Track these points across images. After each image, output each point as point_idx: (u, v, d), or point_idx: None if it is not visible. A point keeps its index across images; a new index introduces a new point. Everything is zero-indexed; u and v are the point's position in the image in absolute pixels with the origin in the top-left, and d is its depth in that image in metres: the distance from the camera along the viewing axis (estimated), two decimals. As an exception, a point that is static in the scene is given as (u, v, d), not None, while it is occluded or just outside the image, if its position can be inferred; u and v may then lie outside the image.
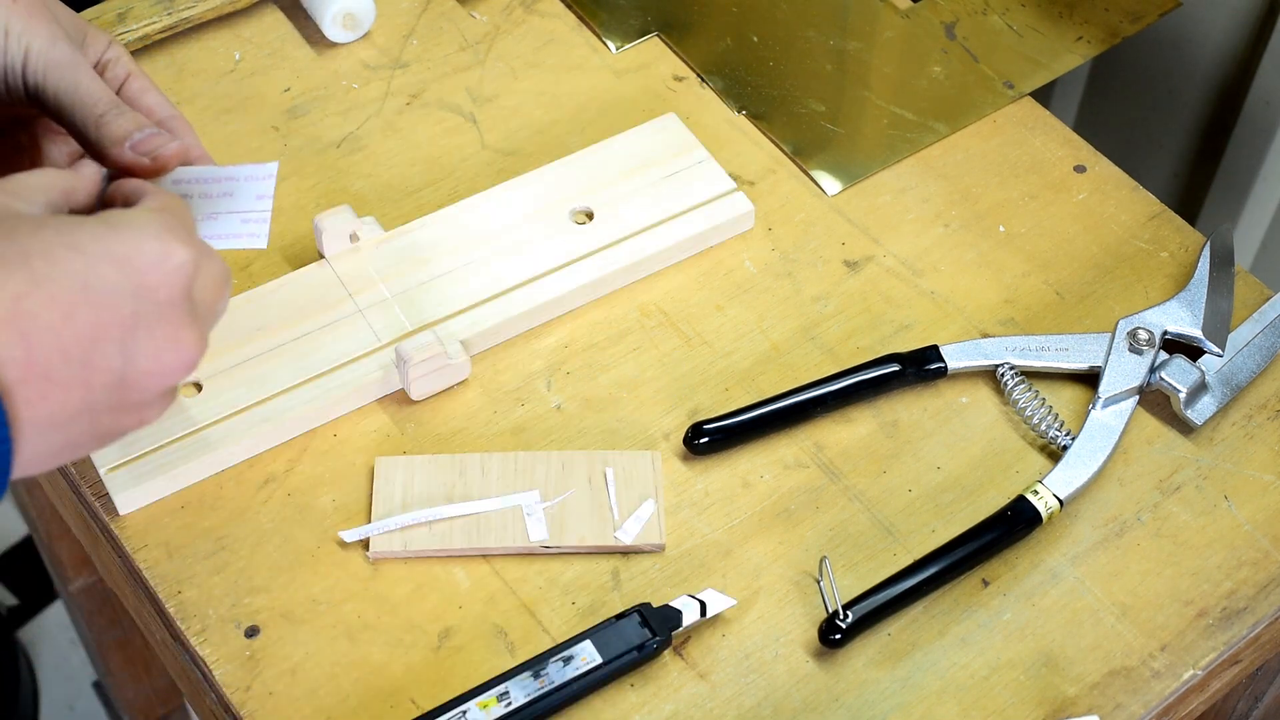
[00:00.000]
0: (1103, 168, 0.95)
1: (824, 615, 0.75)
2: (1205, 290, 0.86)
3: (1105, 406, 0.82)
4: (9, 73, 0.70)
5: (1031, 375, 0.84)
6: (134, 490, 0.78)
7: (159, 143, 0.70)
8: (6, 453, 0.55)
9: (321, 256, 0.86)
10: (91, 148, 0.70)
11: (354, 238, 0.86)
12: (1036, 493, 0.78)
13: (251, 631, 0.75)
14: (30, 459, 0.57)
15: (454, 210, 0.89)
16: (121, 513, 0.78)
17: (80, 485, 0.80)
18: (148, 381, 0.60)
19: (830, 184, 0.93)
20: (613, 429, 0.82)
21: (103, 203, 0.67)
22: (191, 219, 0.64)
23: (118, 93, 0.73)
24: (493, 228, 0.88)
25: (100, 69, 0.73)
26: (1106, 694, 0.74)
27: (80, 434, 0.59)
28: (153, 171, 0.70)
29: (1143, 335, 0.84)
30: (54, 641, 1.85)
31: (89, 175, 0.67)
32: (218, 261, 0.64)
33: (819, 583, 0.77)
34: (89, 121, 0.70)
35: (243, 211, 0.72)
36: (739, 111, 0.97)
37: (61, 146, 0.77)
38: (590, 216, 0.89)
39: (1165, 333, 0.84)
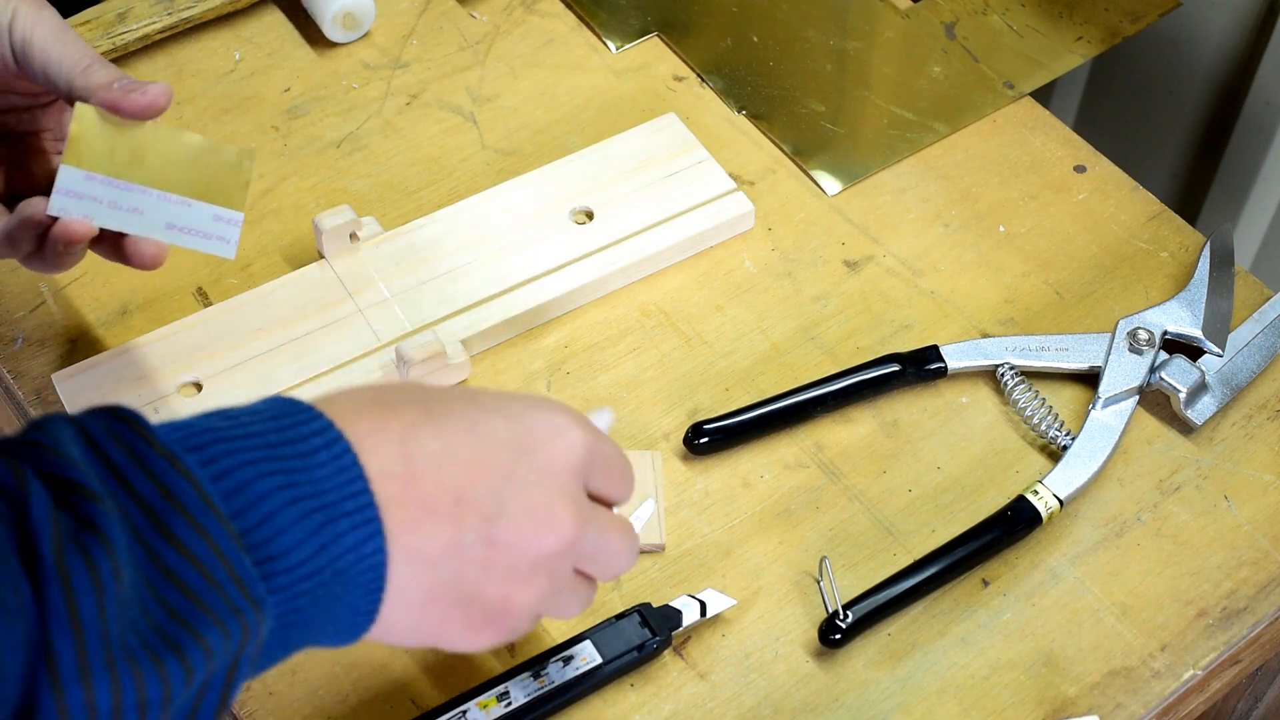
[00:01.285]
0: (1103, 168, 0.94)
1: (824, 615, 0.75)
2: (1205, 290, 0.86)
3: (1105, 406, 0.82)
4: (16, 49, 0.70)
5: (1031, 375, 0.84)
6: None
7: (145, 86, 0.70)
8: (381, 562, 0.55)
9: (321, 256, 0.86)
10: (78, 98, 0.70)
11: (354, 238, 0.86)
12: (1036, 493, 0.78)
13: (251, 631, 0.75)
14: (397, 595, 0.56)
15: (454, 210, 0.89)
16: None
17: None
18: (515, 542, 0.58)
19: (830, 184, 0.93)
20: (613, 429, 0.82)
21: None
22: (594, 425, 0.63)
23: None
24: (493, 228, 0.88)
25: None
26: (1106, 694, 0.74)
27: (444, 586, 0.57)
28: (143, 110, 0.70)
29: (1143, 335, 0.84)
30: (54, 641, 1.84)
31: None
32: (618, 457, 0.63)
33: (819, 583, 0.77)
34: (74, 73, 0.70)
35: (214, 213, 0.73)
36: (739, 111, 0.97)
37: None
38: (590, 216, 0.89)
39: (1165, 333, 0.84)
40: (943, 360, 0.84)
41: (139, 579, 0.49)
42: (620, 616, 0.74)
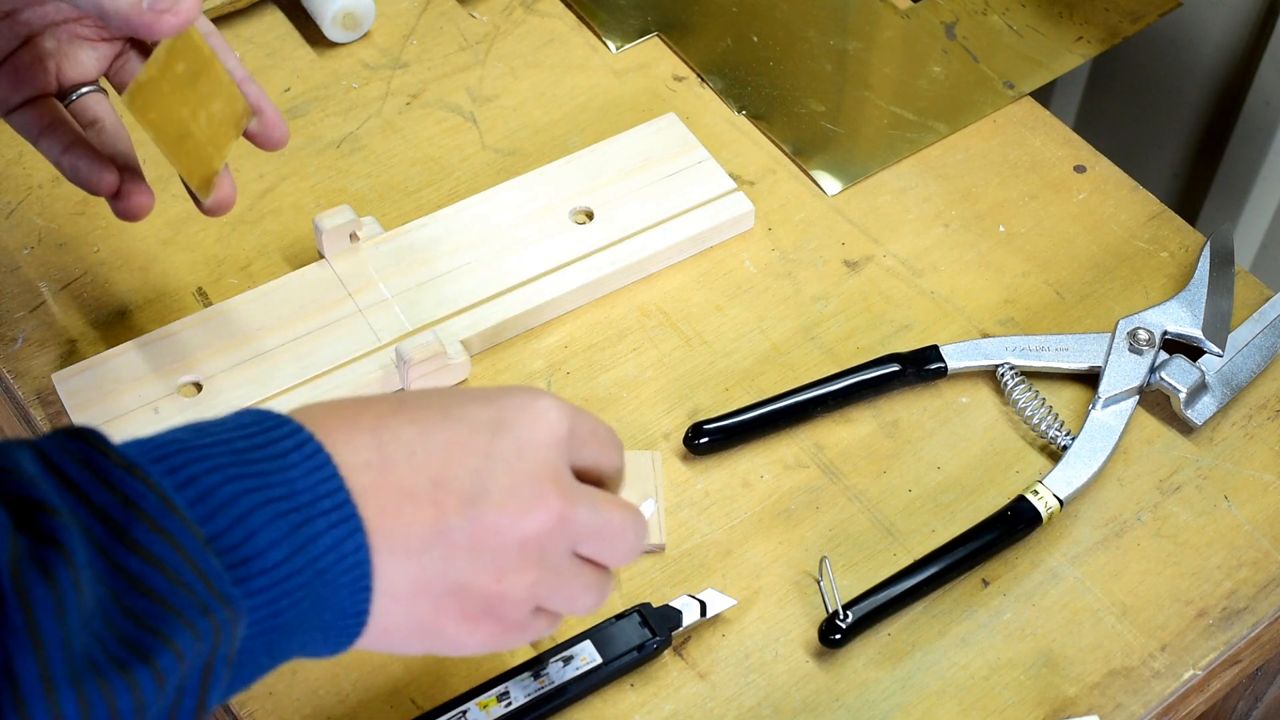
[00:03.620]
0: (1103, 168, 0.95)
1: (824, 615, 0.75)
2: (1205, 290, 0.86)
3: (1105, 406, 0.82)
4: None
5: (1031, 375, 0.84)
6: None
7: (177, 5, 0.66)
8: (365, 559, 0.54)
9: (321, 256, 0.86)
10: (111, 21, 0.66)
11: (354, 238, 0.86)
12: (1036, 493, 0.78)
13: (251, 631, 0.75)
14: (386, 589, 0.55)
15: (454, 210, 0.89)
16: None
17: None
18: (500, 523, 0.57)
19: (830, 184, 0.93)
20: (613, 429, 0.82)
21: None
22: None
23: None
24: (493, 228, 0.88)
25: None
26: (1106, 694, 0.74)
27: (433, 575, 0.56)
28: (174, 25, 0.66)
29: (1143, 335, 0.84)
30: (54, 641, 1.84)
31: None
32: (602, 428, 0.62)
33: (819, 583, 0.77)
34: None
35: None
36: (739, 111, 0.97)
37: (89, 51, 0.74)
38: (590, 216, 0.89)
39: (1165, 333, 0.84)
40: (943, 360, 0.84)
41: (103, 591, 0.48)
42: (620, 616, 0.74)
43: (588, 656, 0.73)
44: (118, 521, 0.49)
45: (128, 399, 0.80)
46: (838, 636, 0.74)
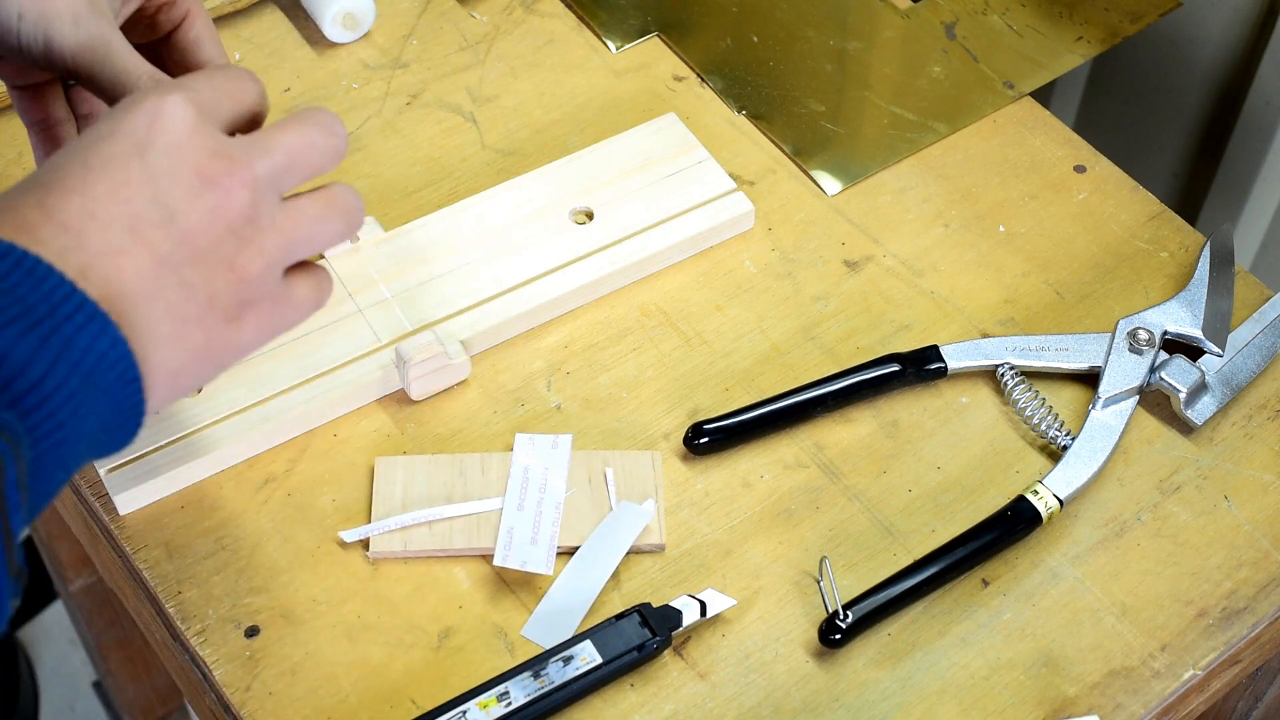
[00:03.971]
0: (1103, 168, 0.95)
1: (824, 615, 0.75)
2: (1205, 290, 0.86)
3: (1105, 406, 0.82)
4: (35, 58, 0.67)
5: (1031, 375, 0.84)
6: (134, 490, 0.78)
7: None
8: (122, 343, 0.55)
9: (321, 256, 0.86)
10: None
11: (354, 238, 0.86)
12: (1036, 493, 0.78)
13: (251, 631, 0.75)
14: (149, 336, 0.57)
15: (454, 210, 0.89)
16: (122, 513, 0.78)
17: (80, 485, 0.80)
18: (203, 224, 0.58)
19: (830, 184, 0.93)
20: (613, 429, 0.82)
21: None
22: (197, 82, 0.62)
23: (171, 35, 0.71)
24: (493, 228, 0.88)
25: (152, 11, 0.71)
26: (1106, 694, 0.74)
27: (180, 302, 0.58)
28: None
29: (1143, 335, 0.84)
30: (54, 641, 1.85)
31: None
32: (219, 76, 0.62)
33: (819, 583, 0.77)
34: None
35: None
36: (739, 111, 0.97)
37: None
38: (590, 216, 0.89)
39: (1165, 333, 0.85)
40: (943, 360, 0.84)
41: None
42: (620, 616, 0.74)
43: (588, 656, 0.73)
44: None
45: (128, 399, 0.80)
46: (838, 636, 0.74)
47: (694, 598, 0.75)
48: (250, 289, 0.60)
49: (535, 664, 0.72)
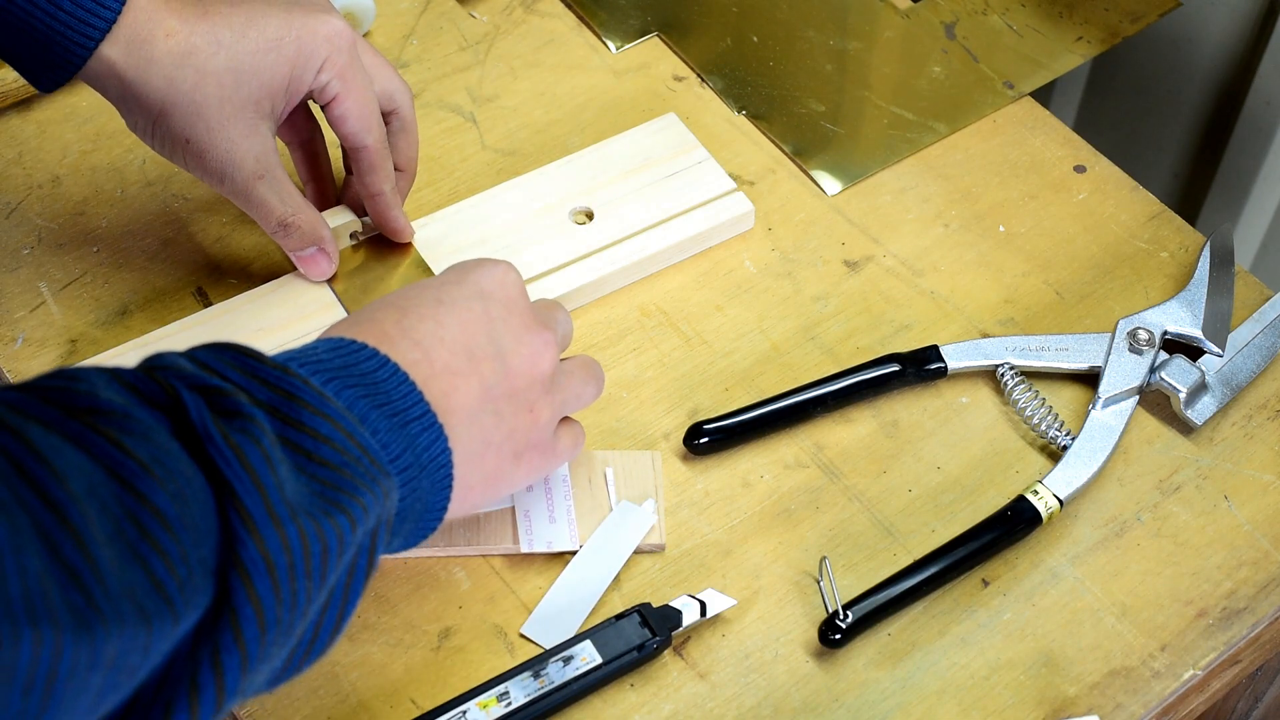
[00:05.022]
0: (1103, 168, 0.95)
1: (824, 615, 0.75)
2: (1205, 290, 0.86)
3: (1105, 406, 0.82)
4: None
5: (1031, 375, 0.84)
6: None
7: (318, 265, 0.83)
8: (448, 456, 0.64)
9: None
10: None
11: (355, 236, 0.86)
12: (1036, 493, 0.78)
13: (251, 631, 0.75)
14: (462, 452, 0.66)
15: (454, 210, 0.89)
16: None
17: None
18: (523, 368, 0.69)
19: (830, 184, 0.93)
20: (613, 429, 0.82)
21: None
22: None
23: (326, 105, 0.80)
24: (493, 228, 0.88)
25: (320, 97, 0.80)
26: (1106, 694, 0.74)
27: (489, 429, 0.67)
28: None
29: (1143, 335, 0.84)
30: (54, 641, 1.84)
31: None
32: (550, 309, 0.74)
33: (819, 583, 0.77)
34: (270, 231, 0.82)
35: None
36: (739, 111, 0.97)
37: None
38: (590, 217, 0.89)
39: (1165, 333, 0.85)
40: (943, 360, 0.84)
41: (288, 462, 0.56)
42: (620, 616, 0.74)
43: (588, 656, 0.73)
44: (282, 409, 0.57)
45: (128, 399, 0.80)
46: (838, 636, 0.74)
47: (694, 598, 0.75)
48: (537, 432, 0.70)
49: (535, 664, 0.72)
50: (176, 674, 0.52)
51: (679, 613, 0.74)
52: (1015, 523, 0.78)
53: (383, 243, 0.86)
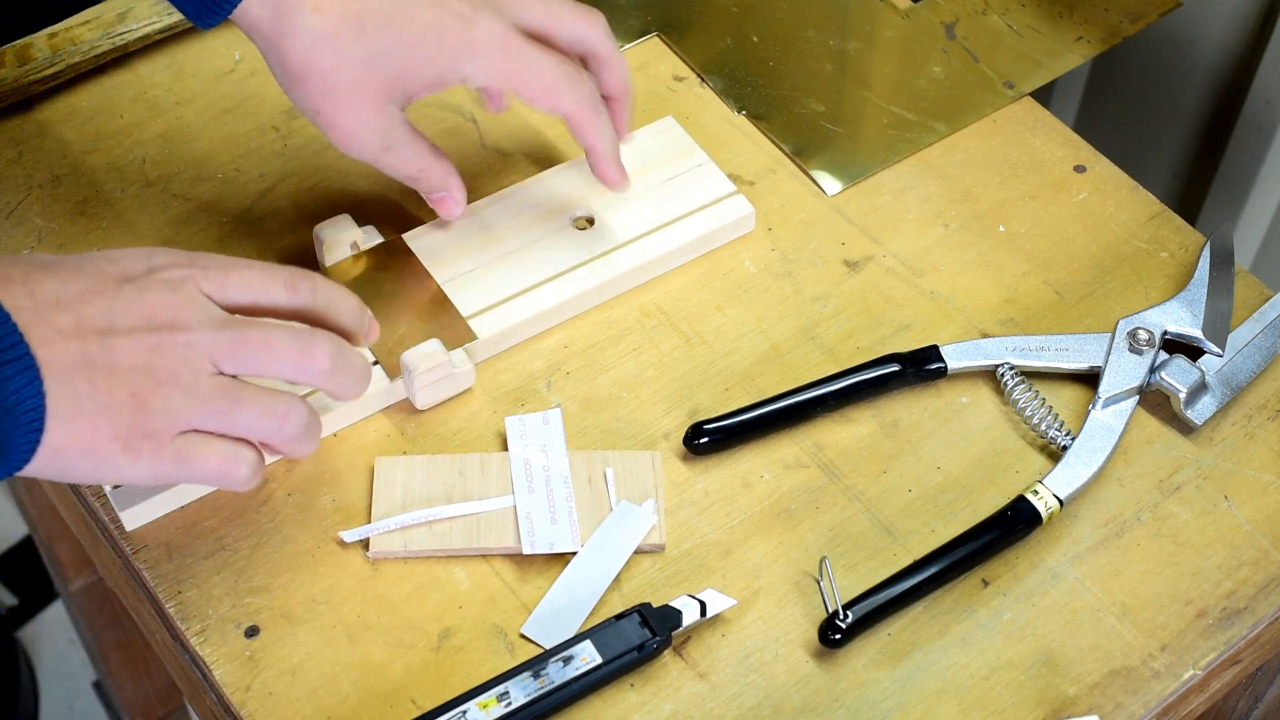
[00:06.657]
0: (1103, 168, 0.95)
1: (824, 615, 0.75)
2: (1205, 290, 0.86)
3: (1105, 406, 0.82)
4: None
5: (1031, 375, 0.84)
6: (139, 507, 0.77)
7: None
8: (40, 400, 0.63)
9: (321, 267, 0.86)
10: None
11: (354, 247, 0.86)
12: (1036, 493, 0.78)
13: (251, 631, 0.75)
14: (50, 414, 0.64)
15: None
16: (129, 529, 0.78)
17: (80, 486, 0.80)
18: (128, 348, 0.65)
19: (830, 184, 0.93)
20: (613, 429, 0.82)
21: None
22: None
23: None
24: (493, 234, 0.88)
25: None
26: (1106, 694, 0.74)
27: (84, 397, 0.64)
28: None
29: (1143, 335, 0.84)
30: (54, 641, 1.85)
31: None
32: (245, 276, 0.71)
33: (819, 583, 0.77)
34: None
35: None
36: (739, 111, 0.97)
37: None
38: (591, 222, 0.89)
39: (1165, 333, 0.85)
40: (943, 360, 0.84)
41: None
42: (620, 616, 0.74)
43: (588, 656, 0.73)
44: None
45: (128, 399, 0.80)
46: (838, 636, 0.74)
47: (694, 598, 0.75)
48: (144, 422, 0.66)
49: (535, 664, 0.72)
50: None
51: (679, 613, 0.74)
52: (1015, 523, 0.78)
53: (383, 252, 0.86)
